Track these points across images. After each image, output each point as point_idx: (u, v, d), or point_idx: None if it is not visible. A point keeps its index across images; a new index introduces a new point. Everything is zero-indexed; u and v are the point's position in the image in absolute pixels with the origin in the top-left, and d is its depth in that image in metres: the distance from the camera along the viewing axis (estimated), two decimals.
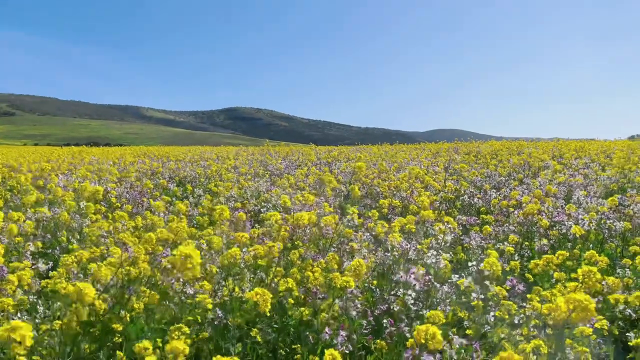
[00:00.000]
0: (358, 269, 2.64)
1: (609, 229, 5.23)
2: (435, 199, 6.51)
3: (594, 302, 1.34)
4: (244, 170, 11.73)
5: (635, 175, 10.05)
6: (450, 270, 3.95)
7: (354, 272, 2.67)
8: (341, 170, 10.61)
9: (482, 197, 7.48)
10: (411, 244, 3.40)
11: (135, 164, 13.09)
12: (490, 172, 10.93)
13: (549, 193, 7.20)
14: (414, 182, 7.02)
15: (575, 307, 1.31)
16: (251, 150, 21.27)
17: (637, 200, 6.85)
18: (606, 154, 15.34)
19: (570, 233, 5.41)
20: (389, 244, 3.48)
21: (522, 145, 21.65)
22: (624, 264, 4.43)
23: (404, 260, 3.39)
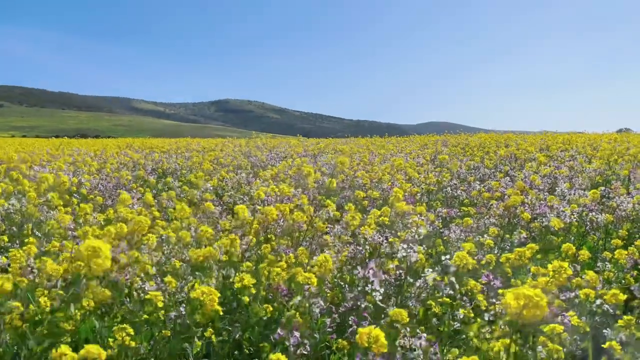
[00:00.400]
0: (324, 265, 2.50)
1: (591, 222, 5.14)
2: (416, 190, 6.38)
3: (545, 297, 1.21)
4: (227, 162, 11.56)
5: (619, 167, 10.00)
6: (426, 264, 3.83)
7: (319, 267, 2.53)
8: (325, 162, 10.46)
9: (465, 189, 7.38)
10: (383, 237, 3.27)
11: (117, 156, 12.85)
12: (476, 165, 10.84)
13: (532, 185, 7.10)
14: (395, 174, 6.88)
15: (526, 303, 1.18)
16: (238, 142, 21.04)
17: (620, 192, 6.79)
18: (593, 147, 15.33)
19: (552, 225, 5.32)
20: (361, 238, 3.35)
21: (510, 138, 21.62)
22: (605, 257, 4.34)
23: (376, 254, 3.26)
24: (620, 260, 4.13)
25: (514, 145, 15.42)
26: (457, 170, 8.22)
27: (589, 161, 11.65)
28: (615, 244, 4.14)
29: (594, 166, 9.97)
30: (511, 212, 5.62)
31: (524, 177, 8.82)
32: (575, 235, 5.26)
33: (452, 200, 7.05)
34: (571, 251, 3.39)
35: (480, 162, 10.93)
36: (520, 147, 13.75)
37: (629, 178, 8.94)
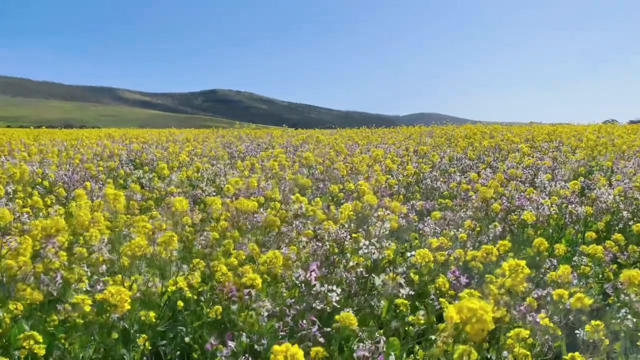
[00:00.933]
0: (273, 262, 2.30)
1: (570, 214, 4.99)
2: (394, 183, 6.19)
3: (491, 310, 1.01)
4: (206, 152, 11.29)
5: (603, 158, 9.90)
6: (399, 260, 3.65)
7: (268, 265, 2.33)
8: (305, 153, 10.22)
9: (446, 180, 7.21)
10: (347, 232, 3.07)
11: (93, 147, 12.51)
12: (459, 156, 10.69)
13: (513, 176, 6.96)
14: (374, 165, 6.69)
15: (469, 317, 0.98)
16: (221, 132, 20.71)
17: (601, 183, 6.66)
18: (578, 138, 15.27)
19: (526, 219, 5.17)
20: (324, 233, 3.15)
21: (496, 129, 21.53)
22: (583, 251, 4.19)
23: (339, 250, 3.06)
24: (596, 255, 3.98)
25: (498, 136, 15.32)
26: (437, 161, 8.03)
27: (573, 152, 11.56)
28: (589, 236, 3.98)
29: (578, 157, 9.86)
30: (489, 204, 5.46)
31: (506, 169, 8.69)
32: (553, 228, 5.11)
33: (432, 192, 6.87)
34: (543, 246, 3.22)
35: (463, 153, 10.79)
36: (505, 138, 13.64)
37: (612, 169, 8.84)
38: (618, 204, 5.86)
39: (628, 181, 6.45)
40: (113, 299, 1.82)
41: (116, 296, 1.83)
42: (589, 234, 4.01)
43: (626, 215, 5.30)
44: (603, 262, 4.34)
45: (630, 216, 5.35)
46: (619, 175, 6.92)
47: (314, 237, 3.24)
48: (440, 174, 8.53)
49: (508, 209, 5.29)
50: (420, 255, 2.37)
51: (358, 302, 2.80)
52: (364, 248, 2.71)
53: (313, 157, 6.85)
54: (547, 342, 2.92)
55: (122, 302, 1.82)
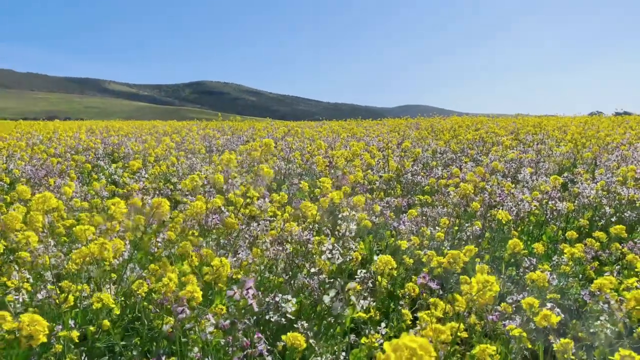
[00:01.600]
0: (219, 271, 2.08)
1: (551, 210, 4.83)
2: (374, 178, 5.99)
3: (432, 350, 0.80)
4: (186, 145, 11.01)
5: (587, 150, 9.79)
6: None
7: (214, 274, 2.11)
8: (286, 147, 9.99)
9: (428, 175, 7.03)
10: (309, 234, 2.86)
11: (68, 140, 12.15)
12: (442, 149, 10.53)
13: (494, 170, 6.79)
14: (352, 159, 6.48)
15: (407, 358, 0.78)
16: (204, 124, 20.36)
17: (583, 177, 6.52)
18: (563, 130, 15.20)
19: (512, 213, 5.01)
20: (287, 235, 2.93)
21: (482, 121, 21.44)
22: (562, 250, 4.02)
23: (302, 254, 2.85)
24: (576, 254, 3.82)
25: (483, 129, 15.19)
26: (419, 155, 7.83)
27: (558, 145, 11.45)
28: (570, 236, 3.81)
29: (563, 150, 9.75)
30: (469, 200, 5.29)
31: (489, 162, 8.54)
32: (534, 225, 4.95)
33: (414, 187, 6.69)
34: (518, 247, 3.04)
35: (446, 146, 10.62)
36: (490, 130, 13.51)
37: (595, 162, 8.74)
38: (600, 199, 5.73)
39: (611, 175, 6.31)
40: (26, 329, 1.58)
41: (30, 326, 1.59)
42: (570, 233, 3.84)
43: (608, 211, 5.16)
44: (584, 261, 4.20)
45: (612, 212, 5.21)
46: (602, 169, 6.79)
47: (276, 240, 3.03)
48: (423, 167, 8.37)
49: (489, 204, 5.11)
50: (382, 262, 2.16)
51: (321, 310, 2.60)
52: (327, 252, 2.50)
53: (272, 144, 6.62)
54: (522, 350, 2.76)
55: (37, 334, 1.58)
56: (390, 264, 2.15)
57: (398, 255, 4.00)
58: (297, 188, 5.42)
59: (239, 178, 4.47)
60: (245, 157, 6.91)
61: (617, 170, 6.96)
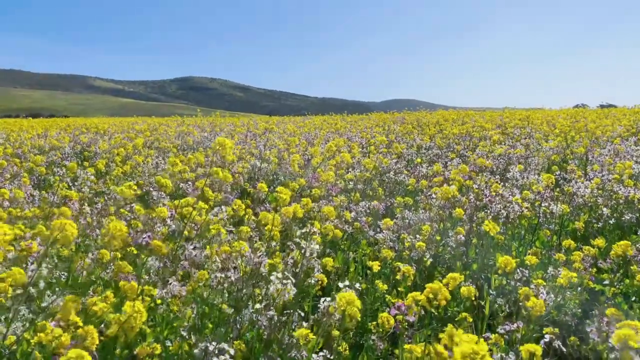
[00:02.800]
0: (129, 323, 1.59)
1: (544, 214, 4.38)
2: (350, 177, 5.50)
3: None
4: (160, 143, 10.44)
5: (577, 144, 9.40)
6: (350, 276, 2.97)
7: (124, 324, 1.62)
8: (265, 144, 9.47)
9: (411, 172, 6.56)
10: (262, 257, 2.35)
11: (36, 139, 11.51)
12: (427, 144, 10.07)
13: (482, 167, 6.33)
14: (328, 157, 5.98)
15: None
16: (181, 121, 19.72)
17: (577, 175, 6.10)
18: (550, 123, 14.84)
19: (502, 217, 4.55)
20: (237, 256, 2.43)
21: (469, 115, 21.06)
22: (558, 261, 3.58)
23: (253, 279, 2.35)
24: (574, 264, 3.38)
25: (470, 123, 14.77)
26: (403, 150, 7.33)
27: (547, 139, 11.06)
28: (566, 245, 3.35)
29: (552, 144, 9.34)
30: (453, 203, 4.83)
31: (476, 158, 8.10)
32: (526, 229, 4.49)
33: (396, 187, 6.22)
34: (509, 267, 2.58)
35: (431, 141, 10.17)
36: (477, 124, 13.09)
37: (586, 157, 8.33)
38: (596, 199, 5.30)
39: (606, 172, 5.90)
40: None
41: None
42: (566, 242, 3.37)
43: (606, 212, 4.73)
44: (582, 270, 3.75)
45: (609, 213, 4.77)
46: (595, 165, 6.36)
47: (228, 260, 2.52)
48: (408, 163, 7.90)
49: (475, 206, 4.65)
50: (344, 300, 1.66)
51: (272, 352, 2.10)
52: (276, 282, 2.01)
53: (231, 145, 6.13)
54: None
55: None
56: (353, 304, 1.66)
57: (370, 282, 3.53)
58: (271, 191, 4.92)
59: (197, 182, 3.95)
60: (214, 157, 6.38)
61: (611, 166, 6.55)
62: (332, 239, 3.56)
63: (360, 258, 3.85)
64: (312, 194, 4.30)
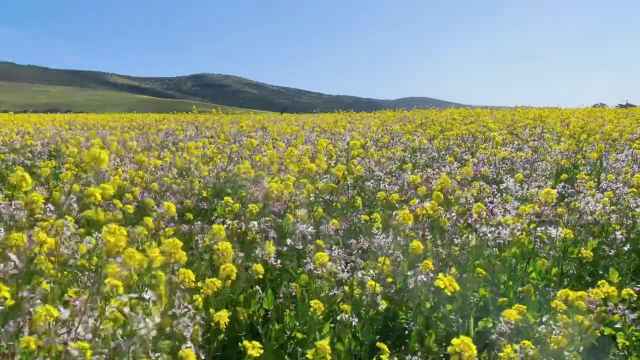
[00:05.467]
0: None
1: (541, 239, 3.51)
2: (321, 187, 4.68)
3: None
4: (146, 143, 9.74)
5: (591, 148, 8.44)
6: None
7: None
8: (244, 144, 8.68)
9: (397, 178, 5.70)
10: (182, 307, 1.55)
11: (13, 135, 10.87)
12: (425, 146, 9.18)
13: (476, 175, 5.47)
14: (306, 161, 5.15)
15: None
16: (179, 117, 19.05)
17: (587, 186, 5.19)
18: (565, 123, 13.83)
19: (490, 241, 3.70)
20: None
21: (478, 114, 20.08)
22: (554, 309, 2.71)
23: None
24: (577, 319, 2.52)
25: (477, 122, 13.82)
26: (376, 158, 6.44)
27: (558, 140, 10.10)
28: (563, 296, 2.46)
29: (562, 147, 8.39)
30: (435, 219, 3.98)
31: (476, 163, 7.22)
32: (518, 258, 3.62)
33: (374, 199, 5.37)
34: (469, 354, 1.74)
35: (429, 143, 9.27)
36: (481, 123, 12.15)
37: (601, 162, 7.39)
38: (609, 216, 4.41)
39: (622, 184, 4.99)
40: None
41: None
42: (563, 292, 2.48)
43: (619, 236, 3.83)
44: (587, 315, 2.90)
45: (624, 237, 3.87)
46: (610, 174, 5.43)
47: None
48: (400, 167, 7.03)
49: (455, 225, 3.80)
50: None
51: None
52: None
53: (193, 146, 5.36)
54: None
55: None
56: None
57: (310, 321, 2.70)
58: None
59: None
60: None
61: (628, 175, 5.63)
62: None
63: (299, 295, 3.02)
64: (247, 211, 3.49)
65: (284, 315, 2.92)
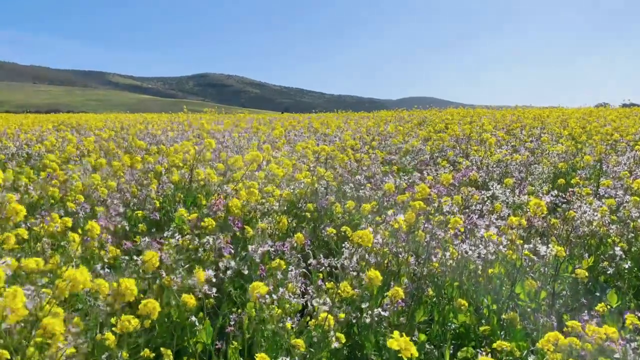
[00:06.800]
0: None
1: (528, 260, 3.07)
2: (285, 195, 4.25)
3: None
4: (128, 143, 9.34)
5: (590, 150, 7.98)
6: None
7: None
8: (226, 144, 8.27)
9: (375, 186, 5.27)
10: None
11: None
12: (417, 148, 8.74)
13: (465, 181, 5.02)
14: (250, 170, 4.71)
15: None
16: (171, 117, 18.65)
17: (584, 192, 4.76)
18: (565, 123, 13.37)
19: (473, 260, 3.27)
20: None
21: (478, 113, 19.64)
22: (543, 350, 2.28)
23: None
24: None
25: (472, 123, 13.35)
26: (343, 164, 5.90)
27: (557, 141, 9.65)
28: (552, 339, 2.02)
29: (559, 149, 7.93)
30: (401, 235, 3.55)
31: (466, 167, 6.78)
32: (503, 277, 3.19)
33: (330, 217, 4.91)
34: None
35: (422, 144, 8.83)
36: (477, 124, 11.71)
37: (600, 165, 6.94)
38: (608, 228, 3.97)
39: (623, 191, 4.55)
40: None
41: None
42: (563, 341, 2.04)
43: (619, 252, 3.39)
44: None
45: (623, 253, 3.43)
46: (608, 180, 4.98)
47: None
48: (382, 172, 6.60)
49: (432, 239, 3.36)
50: None
51: None
52: None
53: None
54: None
55: None
56: None
57: None
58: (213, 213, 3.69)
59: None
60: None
61: (630, 180, 5.18)
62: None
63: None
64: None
65: (228, 350, 2.50)
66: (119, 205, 3.88)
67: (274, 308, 2.39)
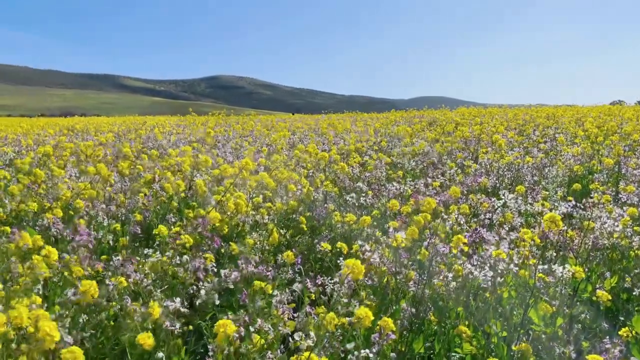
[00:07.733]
0: None
1: (542, 280, 2.73)
2: (278, 207, 3.94)
3: None
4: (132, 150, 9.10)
5: (607, 152, 7.56)
6: None
7: None
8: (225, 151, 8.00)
9: (375, 193, 4.94)
10: None
11: None
12: (425, 150, 8.39)
13: (471, 189, 4.69)
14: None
15: None
16: (176, 121, 18.47)
17: (604, 199, 4.39)
18: (581, 122, 12.89)
19: (481, 281, 2.93)
20: None
21: (491, 113, 19.19)
22: None
23: None
24: None
25: (478, 124, 12.93)
26: (375, 163, 5.58)
27: (572, 142, 9.23)
28: None
29: (575, 150, 7.52)
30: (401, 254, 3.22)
31: (475, 171, 6.43)
32: (514, 301, 2.85)
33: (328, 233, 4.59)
34: None
35: (430, 146, 8.48)
36: (487, 124, 11.31)
37: (619, 169, 6.53)
38: (631, 240, 3.61)
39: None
40: None
41: None
42: None
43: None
44: None
45: None
46: (631, 186, 4.59)
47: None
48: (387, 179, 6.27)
49: (435, 259, 3.03)
50: None
51: None
52: None
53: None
54: None
55: None
56: None
57: None
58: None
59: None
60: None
61: None
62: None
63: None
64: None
65: None
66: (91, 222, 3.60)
67: (249, 344, 2.08)
